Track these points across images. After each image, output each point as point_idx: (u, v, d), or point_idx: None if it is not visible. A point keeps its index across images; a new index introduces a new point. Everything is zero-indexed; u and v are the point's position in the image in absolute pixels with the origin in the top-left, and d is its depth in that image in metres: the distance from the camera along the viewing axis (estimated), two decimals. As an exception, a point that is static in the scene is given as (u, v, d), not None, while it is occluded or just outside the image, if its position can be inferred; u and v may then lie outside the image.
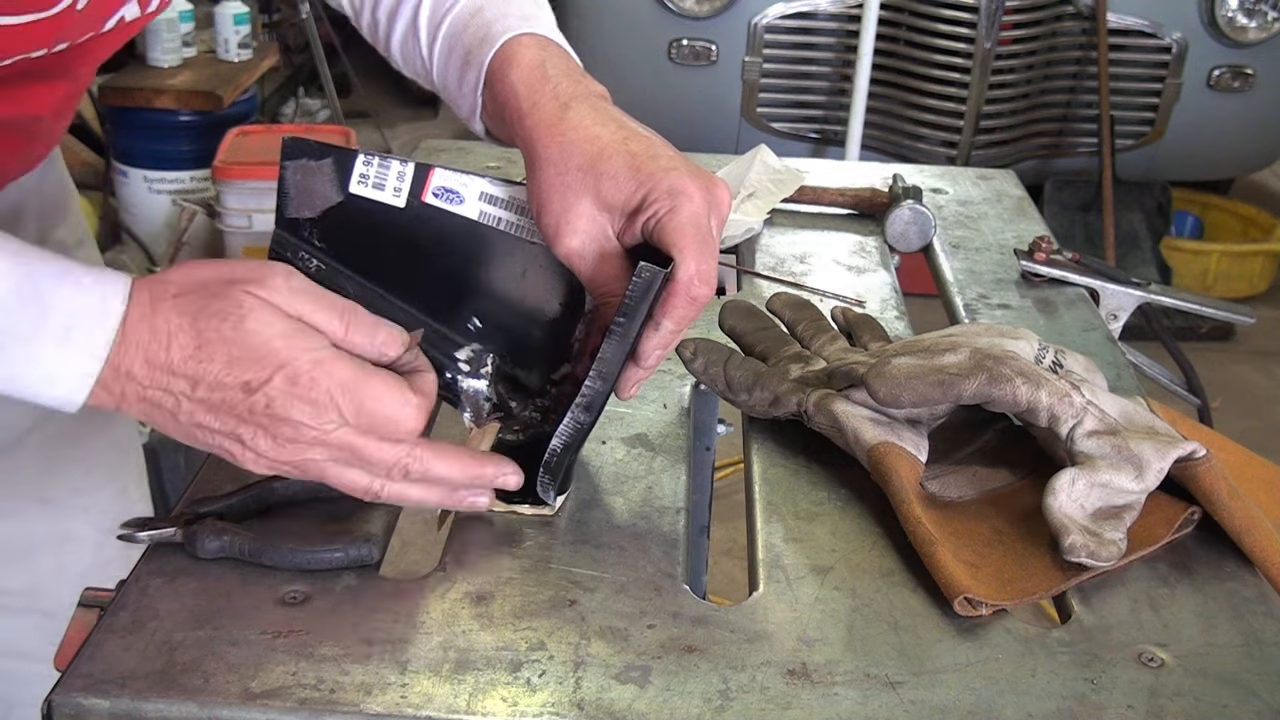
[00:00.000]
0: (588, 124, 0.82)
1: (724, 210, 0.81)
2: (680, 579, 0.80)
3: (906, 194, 1.37)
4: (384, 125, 4.82)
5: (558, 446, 0.82)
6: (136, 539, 0.80)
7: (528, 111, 0.84)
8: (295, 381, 0.71)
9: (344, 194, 0.87)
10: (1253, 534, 0.83)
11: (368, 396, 0.73)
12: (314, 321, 0.74)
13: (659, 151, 0.81)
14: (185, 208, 3.53)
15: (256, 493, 0.83)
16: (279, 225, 0.88)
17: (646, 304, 0.78)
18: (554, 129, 0.82)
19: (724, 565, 2.27)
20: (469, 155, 1.52)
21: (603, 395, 0.81)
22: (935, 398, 0.86)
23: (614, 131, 0.81)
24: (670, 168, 0.80)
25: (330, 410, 0.72)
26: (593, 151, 0.80)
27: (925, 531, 0.81)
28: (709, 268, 0.78)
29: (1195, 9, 3.62)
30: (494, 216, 0.87)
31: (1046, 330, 1.17)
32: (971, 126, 3.55)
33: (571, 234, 0.80)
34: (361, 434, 0.73)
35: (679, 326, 0.80)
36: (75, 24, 0.88)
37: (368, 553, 0.79)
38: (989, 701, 0.71)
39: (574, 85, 0.84)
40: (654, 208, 0.79)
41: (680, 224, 0.78)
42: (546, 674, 0.71)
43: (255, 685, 0.69)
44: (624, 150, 0.80)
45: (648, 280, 0.77)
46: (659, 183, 0.79)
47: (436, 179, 0.87)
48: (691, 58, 3.63)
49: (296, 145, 0.87)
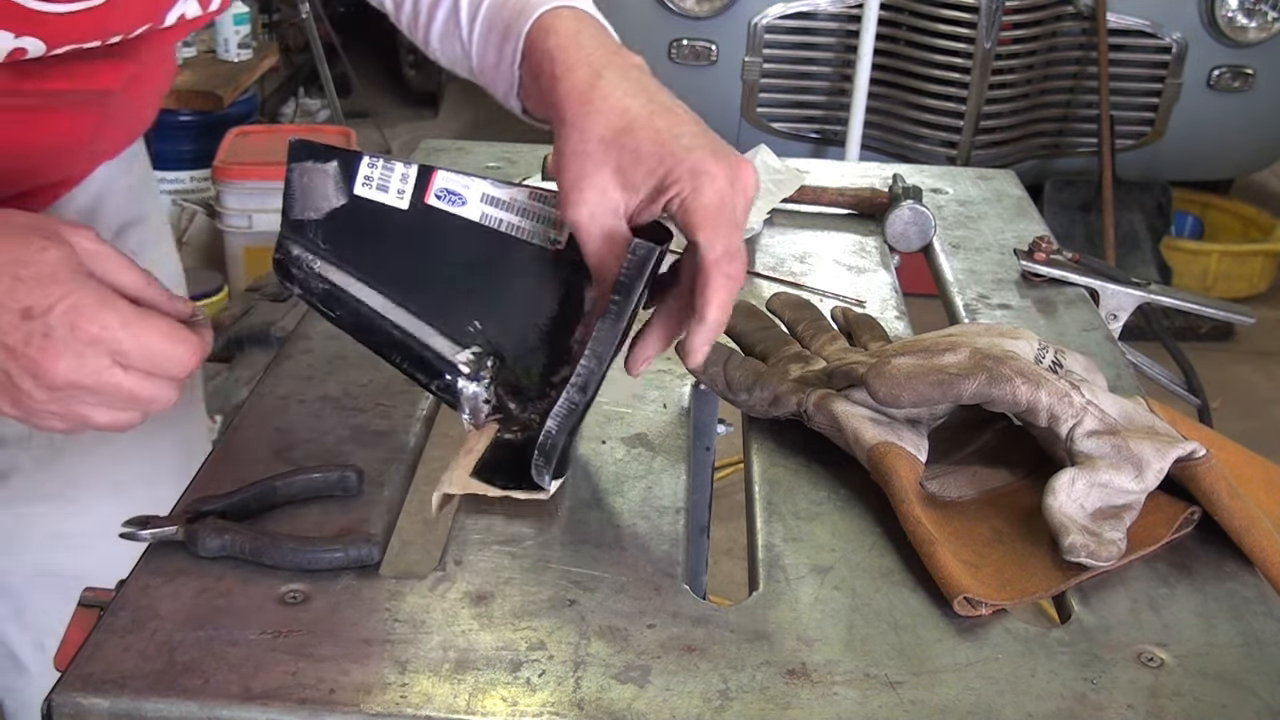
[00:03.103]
0: (618, 94, 0.81)
1: (749, 192, 0.80)
2: (680, 579, 0.80)
3: (906, 194, 1.37)
4: (384, 125, 4.82)
5: (552, 427, 0.82)
6: (139, 537, 0.80)
7: (561, 77, 0.83)
8: (78, 314, 0.71)
9: (348, 196, 0.87)
10: (1253, 534, 0.83)
11: (152, 332, 0.73)
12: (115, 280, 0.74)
13: (685, 129, 0.80)
14: (185, 208, 3.53)
15: (258, 491, 0.83)
16: (284, 226, 0.89)
17: (642, 281, 0.78)
18: (584, 95, 0.81)
19: (724, 565, 2.27)
20: (469, 155, 1.52)
21: (597, 375, 0.81)
22: (935, 398, 0.86)
23: (643, 105, 0.81)
24: (694, 146, 0.79)
25: (104, 352, 0.71)
26: (618, 124, 0.80)
27: (925, 531, 0.81)
28: (737, 246, 0.78)
29: (1195, 9, 3.62)
30: (495, 218, 0.87)
31: (1046, 330, 1.17)
32: (971, 126, 3.55)
33: (580, 203, 0.80)
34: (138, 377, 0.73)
35: (722, 314, 0.79)
36: (124, 16, 0.89)
37: (368, 553, 0.79)
38: (989, 701, 0.71)
39: (609, 55, 0.84)
40: (676, 188, 0.78)
41: (704, 204, 0.77)
42: (546, 674, 0.71)
43: (255, 685, 0.69)
44: (649, 125, 0.79)
45: (642, 257, 0.77)
46: (681, 162, 0.78)
47: (439, 181, 0.87)
48: (691, 58, 3.64)
49: (302, 148, 0.88)
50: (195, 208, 3.52)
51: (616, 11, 4.23)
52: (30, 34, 0.86)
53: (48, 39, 0.87)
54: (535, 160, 1.49)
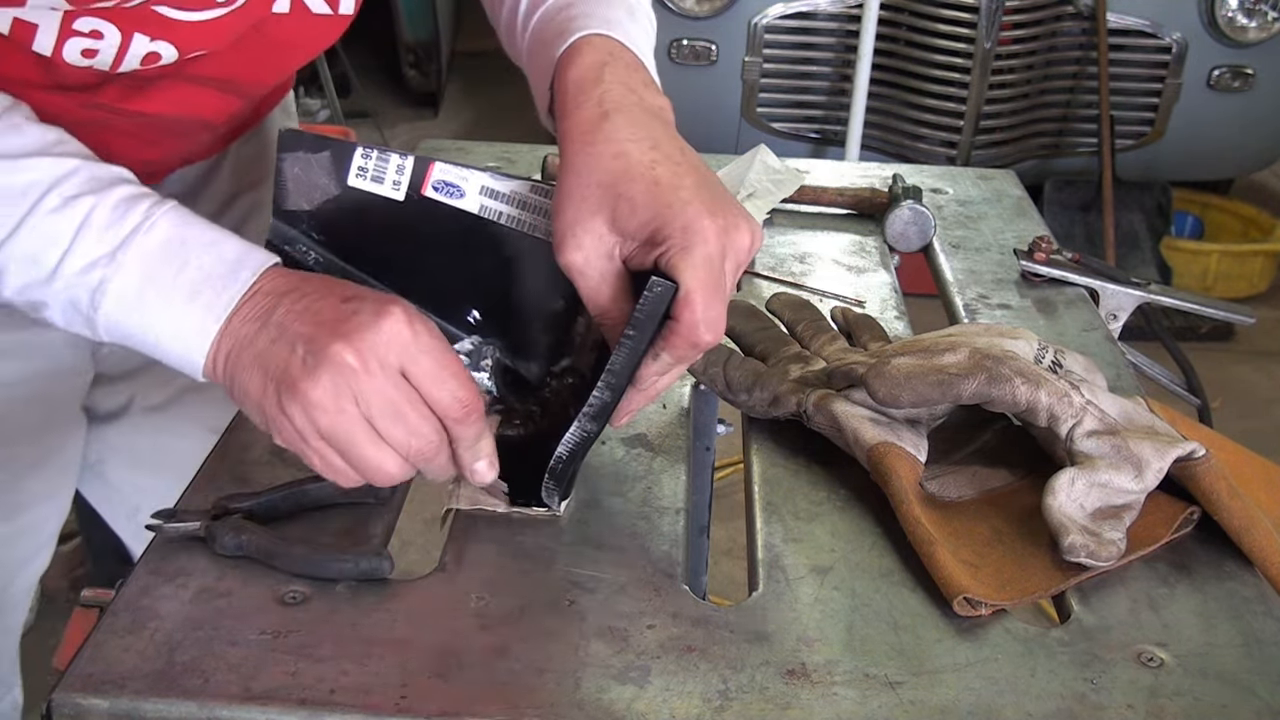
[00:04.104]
0: (621, 138, 0.79)
1: (742, 253, 0.78)
2: (680, 579, 0.80)
3: (906, 194, 1.37)
4: (384, 125, 4.81)
5: (563, 454, 0.82)
6: (164, 530, 0.80)
7: (570, 112, 0.81)
8: (383, 313, 0.74)
9: (342, 186, 0.87)
10: (1252, 534, 0.83)
11: (449, 363, 0.75)
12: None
13: (684, 181, 0.78)
14: (185, 208, 3.53)
15: (288, 494, 0.83)
16: (276, 216, 0.88)
17: (657, 319, 0.76)
18: (587, 136, 0.79)
19: (724, 565, 2.27)
20: (469, 155, 1.52)
21: (610, 406, 0.80)
22: (935, 398, 0.86)
23: (645, 152, 0.79)
24: (690, 200, 0.77)
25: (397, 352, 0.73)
26: (617, 169, 0.78)
27: (925, 531, 0.81)
28: (717, 314, 0.76)
29: (1195, 9, 3.61)
30: (495, 210, 0.87)
31: (1046, 330, 1.17)
32: (971, 126, 3.55)
33: (576, 248, 0.78)
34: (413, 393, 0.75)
35: (678, 363, 0.79)
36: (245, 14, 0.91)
37: (378, 565, 0.78)
38: (989, 701, 0.71)
39: (625, 94, 0.81)
40: (667, 244, 0.76)
41: (692, 264, 0.75)
42: (547, 674, 0.71)
43: (255, 685, 0.69)
44: (648, 175, 0.77)
45: (659, 295, 0.75)
46: (675, 216, 0.76)
47: (436, 173, 0.87)
48: (691, 58, 3.63)
49: (293, 137, 0.87)
50: (195, 208, 3.52)
51: (616, 11, 4.08)
52: (164, 38, 0.87)
53: (180, 44, 0.88)
54: (535, 160, 1.49)
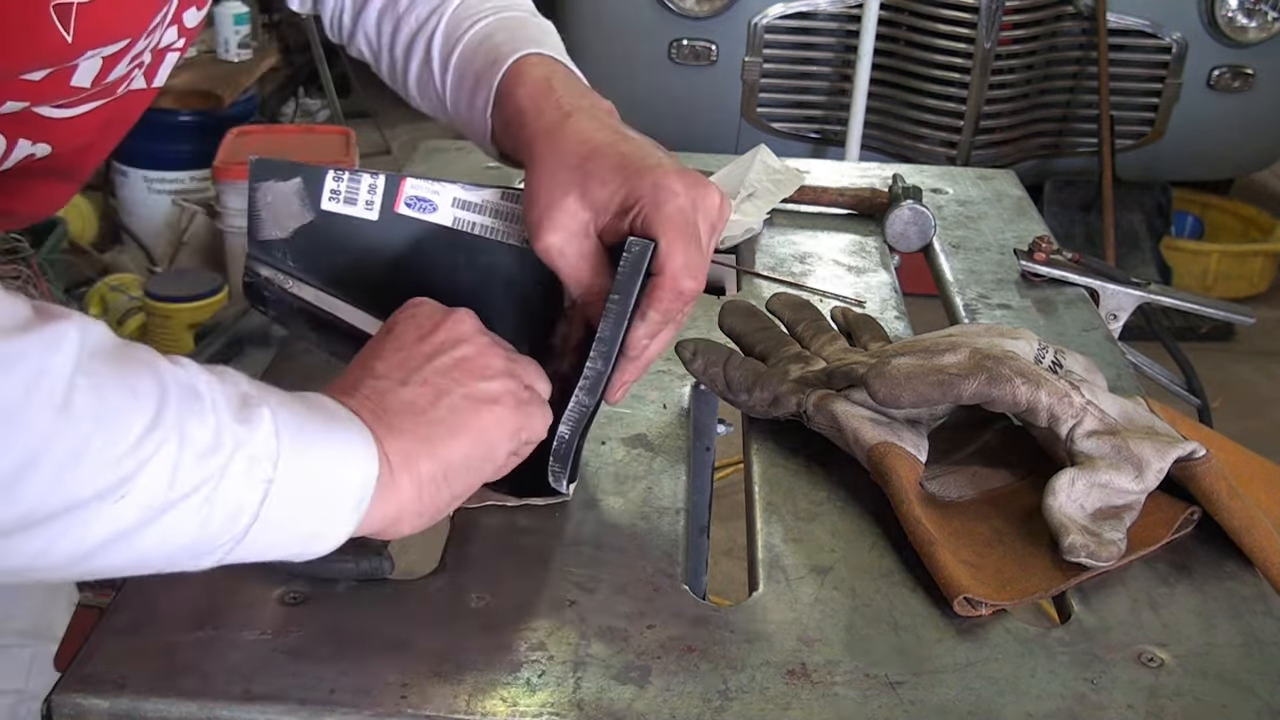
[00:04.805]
0: (586, 129, 0.83)
1: (713, 212, 0.81)
2: (680, 579, 0.80)
3: (906, 194, 1.37)
4: (384, 125, 4.82)
5: (565, 432, 0.82)
6: None
7: (530, 123, 0.85)
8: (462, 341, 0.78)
9: (316, 211, 0.87)
10: (1252, 534, 0.83)
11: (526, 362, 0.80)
12: None
13: (649, 153, 0.82)
14: (185, 208, 3.53)
15: None
16: (251, 247, 0.88)
17: (639, 280, 0.78)
18: (552, 133, 0.83)
19: (724, 565, 2.27)
20: (469, 155, 1.51)
21: (604, 376, 0.81)
22: (935, 398, 0.86)
23: (608, 135, 0.82)
24: (656, 165, 0.80)
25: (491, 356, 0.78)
26: (584, 152, 0.81)
27: (925, 531, 0.81)
28: (696, 260, 0.78)
29: (1195, 9, 3.61)
30: (468, 222, 0.87)
31: (1046, 330, 1.16)
32: (971, 126, 3.55)
33: (552, 229, 0.80)
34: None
35: (666, 319, 0.80)
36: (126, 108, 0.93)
37: (378, 565, 0.78)
38: (989, 701, 0.71)
39: (577, 99, 0.86)
40: (639, 204, 0.79)
41: (665, 216, 0.78)
42: (546, 674, 0.71)
43: (255, 686, 0.69)
44: (614, 151, 0.81)
45: (638, 254, 0.77)
46: (644, 178, 0.79)
47: (408, 189, 0.87)
48: (691, 58, 3.63)
49: (264, 166, 0.87)
50: (195, 208, 3.51)
51: (616, 12, 4.19)
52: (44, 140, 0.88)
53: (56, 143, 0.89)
54: (535, 160, 1.48)
